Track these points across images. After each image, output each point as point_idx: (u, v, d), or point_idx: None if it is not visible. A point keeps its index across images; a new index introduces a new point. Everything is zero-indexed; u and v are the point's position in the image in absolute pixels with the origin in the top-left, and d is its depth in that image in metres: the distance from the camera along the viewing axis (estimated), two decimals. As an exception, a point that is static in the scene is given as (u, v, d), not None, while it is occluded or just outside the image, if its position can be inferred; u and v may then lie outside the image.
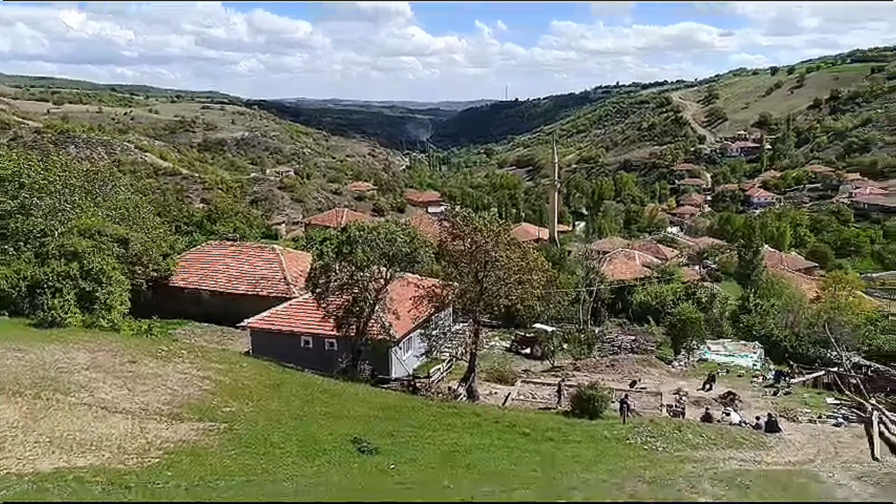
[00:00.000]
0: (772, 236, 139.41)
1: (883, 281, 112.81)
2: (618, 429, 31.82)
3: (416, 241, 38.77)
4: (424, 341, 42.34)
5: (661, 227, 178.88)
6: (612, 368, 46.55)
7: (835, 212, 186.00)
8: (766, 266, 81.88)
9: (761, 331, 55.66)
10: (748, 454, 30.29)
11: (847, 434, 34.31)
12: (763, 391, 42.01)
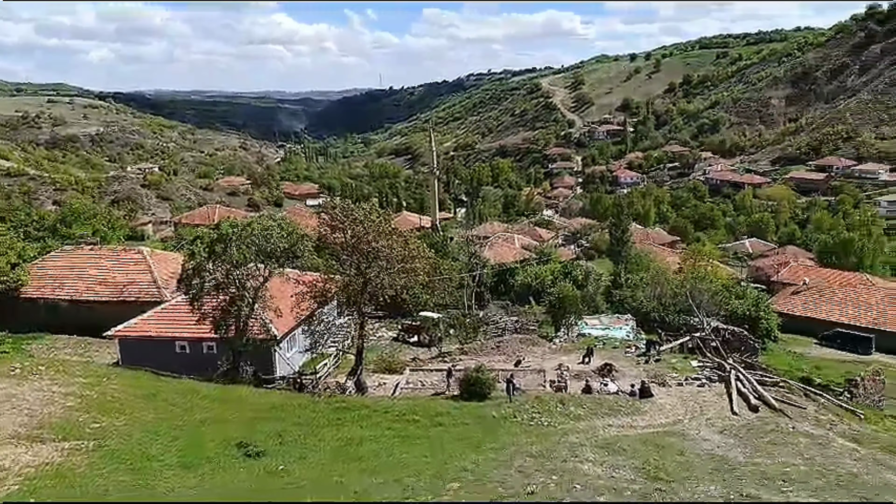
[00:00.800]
0: (638, 214, 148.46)
1: (735, 251, 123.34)
2: (505, 408, 32.69)
3: (295, 235, 37.75)
4: (309, 337, 41.43)
5: (537, 211, 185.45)
6: (498, 350, 47.72)
7: (692, 189, 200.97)
8: (634, 242, 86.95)
9: (633, 303, 59.07)
10: (625, 420, 32.13)
11: (710, 393, 37.20)
12: (636, 360, 44.66)
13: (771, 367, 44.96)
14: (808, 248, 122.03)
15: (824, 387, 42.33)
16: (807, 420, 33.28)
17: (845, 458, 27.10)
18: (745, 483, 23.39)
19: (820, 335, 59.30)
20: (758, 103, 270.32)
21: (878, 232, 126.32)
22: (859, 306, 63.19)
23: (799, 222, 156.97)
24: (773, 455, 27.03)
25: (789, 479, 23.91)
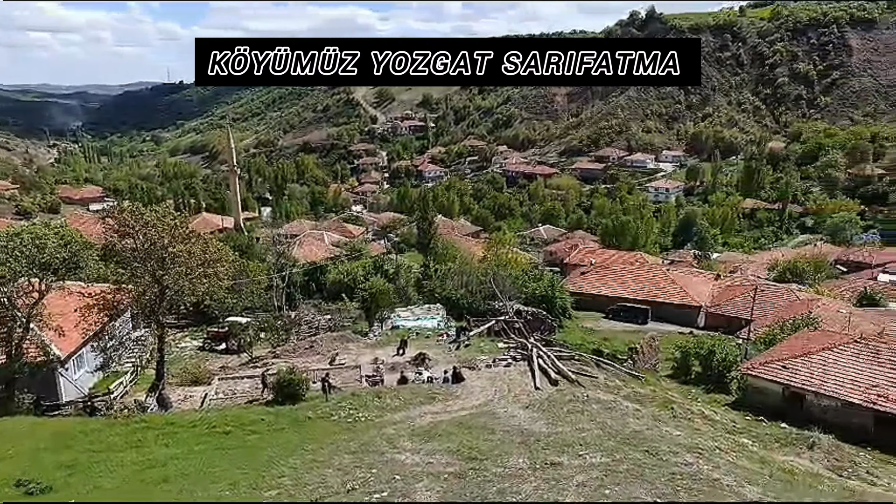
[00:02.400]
0: (443, 207, 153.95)
1: (531, 237, 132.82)
2: (321, 408, 32.21)
3: (75, 243, 33.93)
4: (100, 355, 37.55)
5: (346, 207, 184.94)
6: (312, 350, 46.86)
7: (490, 181, 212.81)
8: (441, 234, 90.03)
9: (442, 293, 61.13)
10: (440, 406, 33.19)
11: (516, 372, 39.70)
12: (448, 347, 46.35)
13: (567, 343, 49.11)
14: (593, 231, 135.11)
15: (611, 356, 47.17)
16: (599, 388, 36.79)
17: (630, 419, 30.38)
18: (549, 452, 25.27)
19: (606, 310, 65.75)
20: (544, 99, 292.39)
21: (649, 215, 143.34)
22: (637, 282, 71.08)
23: (584, 209, 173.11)
24: (571, 423, 29.49)
25: (585, 443, 26.25)
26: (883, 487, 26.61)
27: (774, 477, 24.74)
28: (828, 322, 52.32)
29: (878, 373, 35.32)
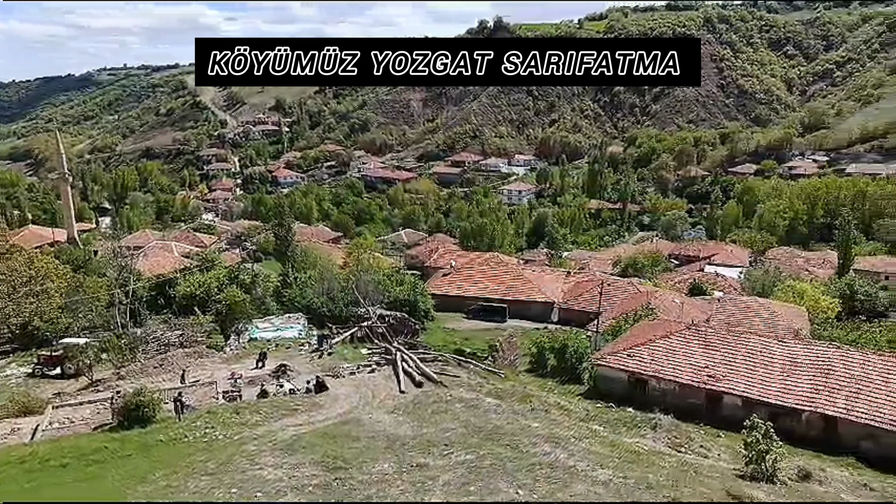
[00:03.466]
0: (301, 213, 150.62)
1: (393, 241, 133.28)
2: (174, 429, 30.23)
3: None
4: None
5: (196, 215, 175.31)
6: (162, 368, 43.89)
7: (349, 186, 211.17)
8: (299, 241, 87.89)
9: (303, 301, 59.63)
10: (303, 417, 32.31)
11: (381, 377, 39.58)
12: (311, 356, 45.28)
13: (430, 345, 49.74)
14: (452, 234, 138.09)
15: (473, 355, 48.40)
16: (462, 387, 37.57)
17: (492, 415, 31.31)
18: (414, 454, 25.41)
19: (467, 310, 67.35)
20: (400, 104, 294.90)
21: (504, 217, 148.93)
22: (495, 282, 73.43)
23: (443, 212, 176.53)
24: (436, 423, 29.87)
25: (450, 442, 26.69)
26: (714, 459, 29.35)
27: (623, 458, 26.51)
28: (664, 312, 56.95)
29: (708, 356, 38.99)
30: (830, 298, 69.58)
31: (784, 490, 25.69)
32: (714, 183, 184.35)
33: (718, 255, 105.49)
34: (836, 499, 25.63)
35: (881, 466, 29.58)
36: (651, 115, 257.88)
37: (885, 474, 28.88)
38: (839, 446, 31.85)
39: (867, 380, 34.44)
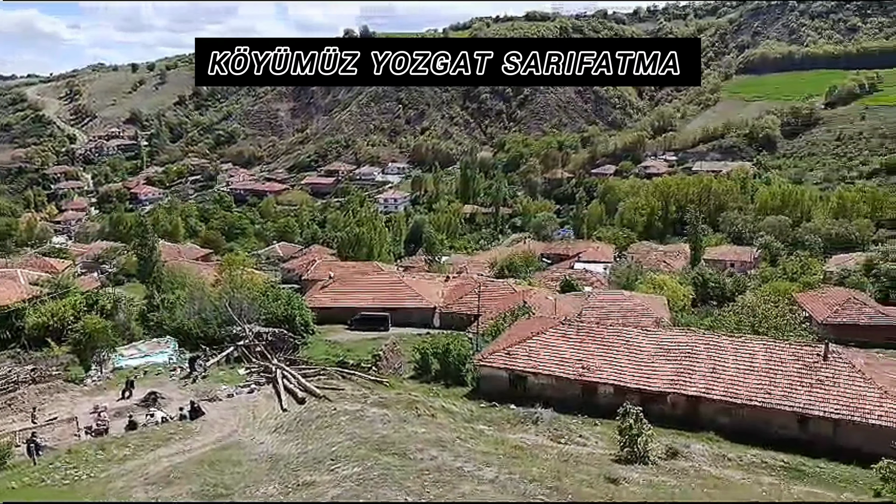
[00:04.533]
0: (166, 231, 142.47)
1: (267, 255, 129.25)
2: (29, 474, 27.52)
3: None
4: None
5: (45, 239, 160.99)
6: (11, 408, 39.83)
7: (218, 200, 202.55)
8: (165, 261, 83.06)
9: (172, 324, 56.34)
10: (177, 446, 30.50)
11: (261, 396, 38.19)
12: (183, 381, 42.87)
13: (311, 359, 48.60)
14: (329, 245, 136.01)
15: (356, 366, 47.79)
16: (346, 399, 37.03)
17: (378, 424, 31.10)
18: (300, 472, 24.73)
19: (348, 321, 66.51)
20: (267, 115, 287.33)
21: (381, 225, 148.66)
22: (376, 290, 73.09)
23: (319, 223, 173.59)
24: (321, 439, 29.24)
25: (336, 456, 26.22)
26: (592, 447, 30.86)
27: (508, 455, 27.24)
28: (540, 309, 59.22)
29: (581, 349, 40.92)
30: (686, 287, 75.40)
31: (656, 469, 27.47)
32: (579, 184, 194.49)
33: (586, 253, 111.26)
34: (699, 471, 27.74)
35: (736, 438, 32.33)
36: (517, 121, 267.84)
37: (739, 444, 31.61)
38: (700, 423, 34.49)
39: (721, 360, 37.58)
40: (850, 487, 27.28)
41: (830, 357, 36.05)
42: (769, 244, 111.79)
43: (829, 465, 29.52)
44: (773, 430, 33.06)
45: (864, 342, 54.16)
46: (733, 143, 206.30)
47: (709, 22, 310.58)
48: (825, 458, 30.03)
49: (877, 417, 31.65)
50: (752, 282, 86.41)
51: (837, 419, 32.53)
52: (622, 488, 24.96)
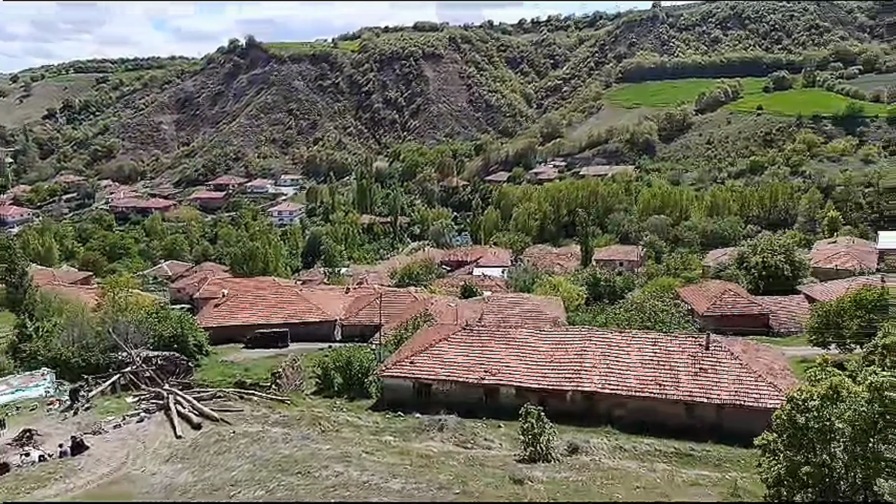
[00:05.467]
0: (38, 254, 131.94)
1: (155, 275, 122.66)
2: None
3: None
4: None
5: None
6: None
7: (97, 219, 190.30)
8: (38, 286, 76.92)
9: (48, 354, 52.23)
10: (58, 487, 28.19)
11: (152, 425, 36.01)
12: (63, 416, 39.79)
13: (206, 381, 46.48)
14: (221, 261, 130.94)
15: (256, 385, 46.14)
16: (245, 421, 35.62)
17: (280, 444, 30.14)
18: (199, 501, 23.50)
19: (245, 339, 64.18)
20: (149, 128, 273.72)
21: (276, 239, 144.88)
22: (273, 306, 70.97)
23: (210, 239, 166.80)
24: (220, 465, 27.96)
25: (236, 481, 25.16)
26: (497, 449, 31.33)
27: (414, 464, 27.15)
28: (441, 316, 59.61)
29: (483, 352, 41.51)
30: (579, 287, 78.40)
31: (558, 465, 28.24)
32: (474, 191, 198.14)
33: (484, 258, 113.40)
34: (598, 464, 28.81)
35: (631, 429, 33.83)
36: (411, 130, 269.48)
37: (634, 435, 33.10)
38: (598, 417, 35.83)
39: (614, 356, 39.25)
40: (734, 467, 29.17)
41: (711, 347, 38.49)
42: (653, 243, 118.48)
43: (715, 447, 31.45)
44: (664, 419, 34.86)
45: (740, 331, 58.35)
46: (616, 148, 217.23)
47: (588, 33, 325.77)
48: (711, 441, 31.96)
49: (754, 400, 34.07)
50: (640, 279, 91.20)
51: (720, 404, 34.77)
52: (527, 487, 25.47)
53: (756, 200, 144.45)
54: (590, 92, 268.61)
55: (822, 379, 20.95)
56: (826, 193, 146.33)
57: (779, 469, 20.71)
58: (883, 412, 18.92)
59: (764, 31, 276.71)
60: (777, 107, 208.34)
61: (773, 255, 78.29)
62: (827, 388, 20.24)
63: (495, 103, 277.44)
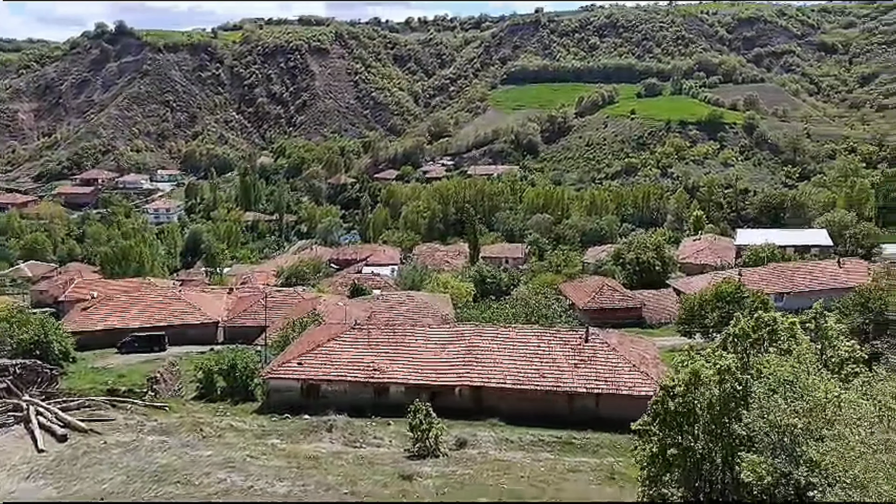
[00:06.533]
0: None
1: (13, 277, 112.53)
2: None
3: None
4: None
5: None
6: None
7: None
8: None
9: None
10: None
11: (10, 439, 33.00)
12: None
13: (73, 390, 43.23)
14: (90, 261, 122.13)
15: (130, 392, 43.45)
16: (118, 430, 33.48)
17: (157, 453, 28.58)
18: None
19: (119, 344, 60.30)
20: (4, 116, 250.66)
21: (152, 237, 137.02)
22: (150, 308, 67.10)
23: (77, 238, 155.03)
24: (88, 477, 26.15)
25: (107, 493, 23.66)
26: (386, 447, 31.35)
27: (302, 466, 26.63)
28: (330, 315, 58.68)
29: (372, 351, 41.34)
30: (467, 284, 79.85)
31: (447, 460, 28.67)
32: (363, 189, 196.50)
33: (373, 256, 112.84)
34: (486, 457, 29.53)
35: (517, 421, 34.93)
36: (297, 126, 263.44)
37: (519, 427, 34.20)
38: (485, 411, 36.69)
39: (500, 350, 40.32)
40: (611, 453, 30.84)
41: (591, 339, 40.44)
42: (537, 240, 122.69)
43: (594, 434, 33.10)
44: (547, 410, 36.23)
45: (617, 323, 61.70)
46: (502, 147, 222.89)
47: (474, 35, 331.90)
48: (591, 429, 33.60)
49: (629, 388, 36.16)
50: (524, 275, 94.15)
51: (599, 394, 36.63)
52: (416, 483, 25.67)
53: (630, 200, 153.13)
54: (476, 92, 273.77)
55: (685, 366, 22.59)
56: (692, 194, 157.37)
57: (651, 451, 22.10)
58: (731, 393, 20.65)
59: (636, 40, 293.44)
60: (649, 112, 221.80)
61: (646, 251, 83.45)
62: (688, 373, 21.89)
63: (383, 101, 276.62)
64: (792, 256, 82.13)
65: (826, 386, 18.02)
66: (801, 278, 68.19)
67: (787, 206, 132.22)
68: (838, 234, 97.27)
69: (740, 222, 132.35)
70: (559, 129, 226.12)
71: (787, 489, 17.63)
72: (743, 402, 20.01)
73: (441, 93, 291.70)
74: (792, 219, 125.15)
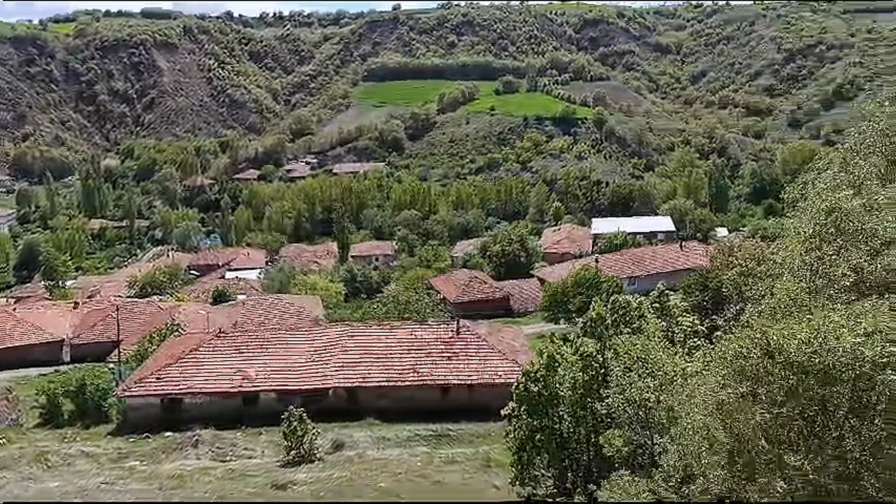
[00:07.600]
0: None
1: None
2: None
3: None
4: None
5: None
6: None
7: None
8: None
9: None
10: None
11: None
12: None
13: None
14: None
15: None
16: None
17: None
18: None
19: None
20: None
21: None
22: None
23: None
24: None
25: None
26: (259, 457, 30.19)
27: (164, 487, 25.02)
28: (191, 325, 55.60)
29: (240, 359, 39.57)
30: (337, 284, 78.76)
31: (323, 465, 28.06)
32: (222, 190, 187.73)
33: (237, 260, 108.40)
34: (362, 457, 29.23)
35: (393, 418, 34.88)
36: (146, 126, 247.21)
37: (396, 424, 34.18)
38: (361, 411, 36.31)
39: (373, 348, 40.06)
40: (486, 441, 31.59)
41: (462, 332, 41.20)
42: (406, 237, 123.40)
43: (468, 425, 33.75)
44: (423, 405, 36.45)
45: (486, 314, 63.47)
46: (367, 145, 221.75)
47: (333, 31, 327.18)
48: (465, 420, 34.24)
49: (499, 377, 37.20)
50: (395, 272, 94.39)
51: (471, 384, 37.42)
52: (290, 491, 24.91)
53: (494, 194, 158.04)
54: (338, 89, 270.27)
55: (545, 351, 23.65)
56: (550, 186, 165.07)
57: (520, 436, 22.89)
58: (594, 375, 21.87)
59: (492, 38, 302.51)
60: (507, 108, 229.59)
61: (511, 243, 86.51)
62: (546, 358, 22.96)
63: (240, 98, 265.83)
64: (642, 242, 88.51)
65: (674, 360, 19.48)
66: (650, 262, 73.64)
67: (635, 195, 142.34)
68: (680, 220, 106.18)
69: (595, 212, 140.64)
70: (423, 125, 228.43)
71: (644, 458, 18.89)
72: (604, 381, 21.19)
73: (301, 90, 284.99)
74: (640, 207, 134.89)
